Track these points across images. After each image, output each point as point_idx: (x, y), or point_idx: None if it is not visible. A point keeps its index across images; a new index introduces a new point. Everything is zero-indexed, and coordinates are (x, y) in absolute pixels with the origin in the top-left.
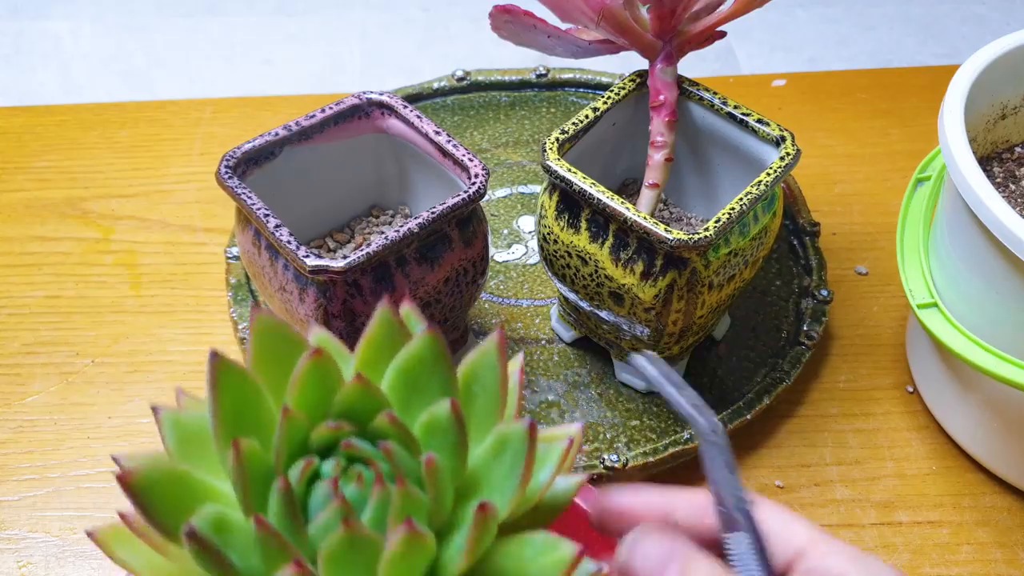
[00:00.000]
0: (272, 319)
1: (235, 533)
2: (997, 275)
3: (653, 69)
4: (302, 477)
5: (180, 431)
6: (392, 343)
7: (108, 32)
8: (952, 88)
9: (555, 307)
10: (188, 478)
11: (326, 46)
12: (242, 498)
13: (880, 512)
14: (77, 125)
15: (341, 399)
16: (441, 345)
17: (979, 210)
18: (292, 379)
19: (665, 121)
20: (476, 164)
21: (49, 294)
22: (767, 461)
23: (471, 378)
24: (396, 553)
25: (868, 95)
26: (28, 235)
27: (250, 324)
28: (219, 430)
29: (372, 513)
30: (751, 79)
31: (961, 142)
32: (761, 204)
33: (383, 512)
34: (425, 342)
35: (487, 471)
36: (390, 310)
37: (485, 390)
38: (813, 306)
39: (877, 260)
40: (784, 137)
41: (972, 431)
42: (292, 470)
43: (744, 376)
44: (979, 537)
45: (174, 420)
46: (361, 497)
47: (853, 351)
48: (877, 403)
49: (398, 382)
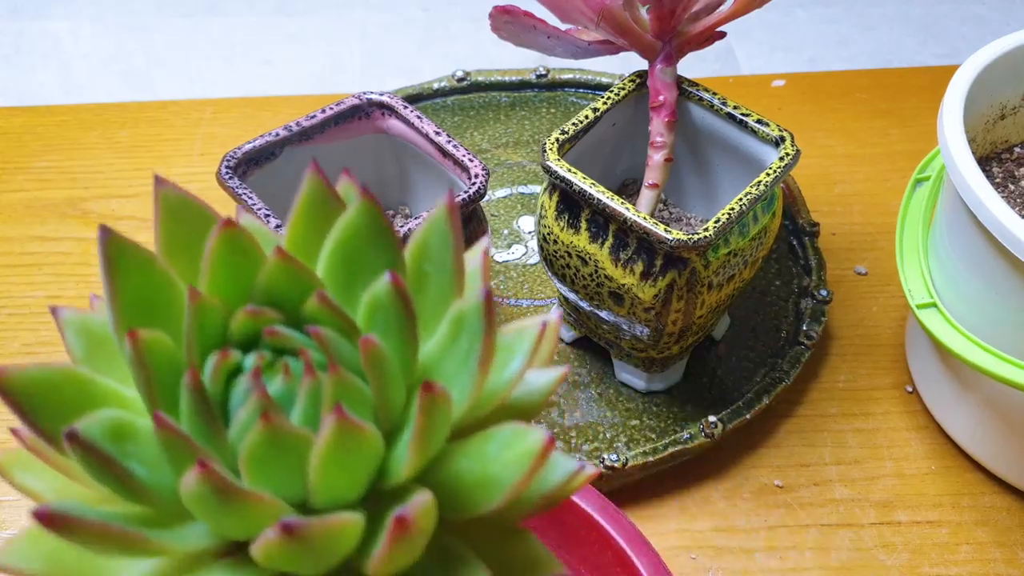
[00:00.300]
0: (181, 194)
1: (141, 444)
2: (996, 275)
3: (653, 70)
4: (217, 372)
5: (87, 336)
6: (326, 218)
7: (108, 32)
8: (951, 88)
9: (555, 307)
10: (88, 382)
11: (326, 46)
12: (145, 396)
13: (879, 512)
14: (77, 125)
15: (263, 281)
16: (381, 214)
17: (978, 210)
18: (203, 258)
19: (665, 121)
20: (476, 164)
21: (49, 294)
22: (766, 461)
23: (420, 254)
24: (328, 448)
25: (868, 95)
26: (28, 235)
27: (154, 200)
28: (119, 322)
29: (303, 409)
30: (751, 79)
31: (960, 142)
32: (761, 204)
33: (315, 407)
34: (362, 211)
35: (442, 361)
36: (319, 178)
37: (438, 268)
38: (812, 306)
39: (876, 260)
40: (784, 137)
41: (971, 431)
42: (206, 365)
43: (743, 376)
44: (978, 537)
45: (80, 323)
46: (288, 392)
47: (852, 351)
48: (876, 403)
49: (334, 262)
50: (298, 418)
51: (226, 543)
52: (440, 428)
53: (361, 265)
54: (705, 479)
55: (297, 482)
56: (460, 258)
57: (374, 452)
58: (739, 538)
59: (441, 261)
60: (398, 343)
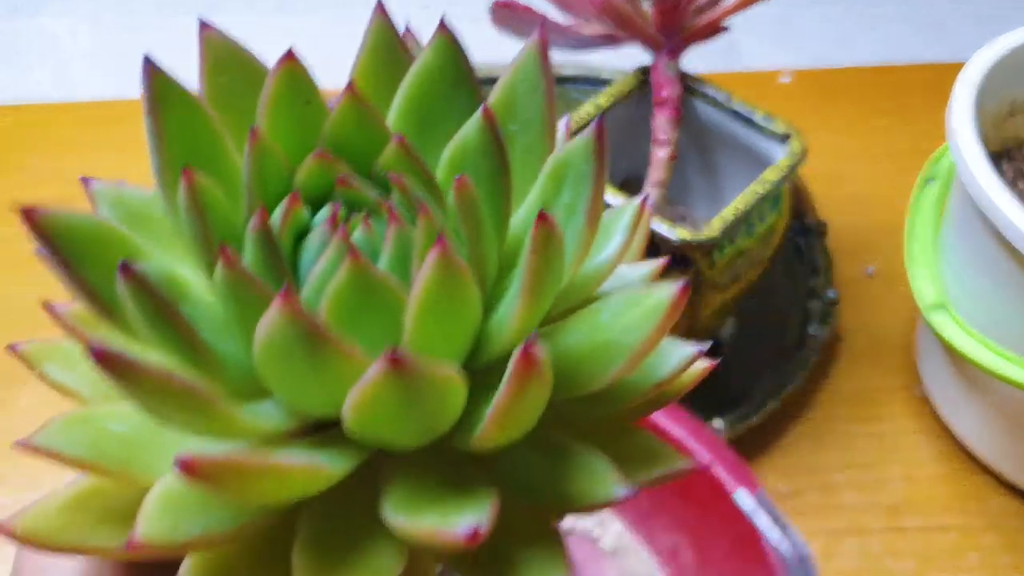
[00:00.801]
0: (229, 41)
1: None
2: (1007, 276)
3: (656, 64)
4: (287, 222)
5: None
6: (394, 65)
7: (105, 30)
8: (961, 84)
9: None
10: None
11: (326, 46)
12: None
13: (888, 516)
14: (71, 123)
15: (331, 127)
16: (463, 56)
17: (989, 209)
18: (262, 100)
19: (668, 118)
20: None
21: (42, 293)
22: (773, 465)
23: (505, 109)
24: (429, 291)
25: (875, 92)
26: (21, 234)
27: (199, 48)
28: (165, 168)
29: (390, 259)
30: (756, 75)
31: (970, 140)
32: (767, 203)
33: (404, 259)
34: (440, 51)
35: None
36: (385, 19)
37: (527, 125)
38: (820, 308)
39: (885, 261)
40: (790, 134)
41: (981, 434)
42: (273, 217)
43: (750, 379)
44: (987, 542)
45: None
46: (371, 244)
47: (861, 353)
48: (885, 406)
49: (409, 110)
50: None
51: (304, 423)
52: (555, 273)
53: (440, 116)
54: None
55: (390, 339)
56: (552, 110)
57: (475, 307)
58: None
59: (532, 116)
60: (490, 194)
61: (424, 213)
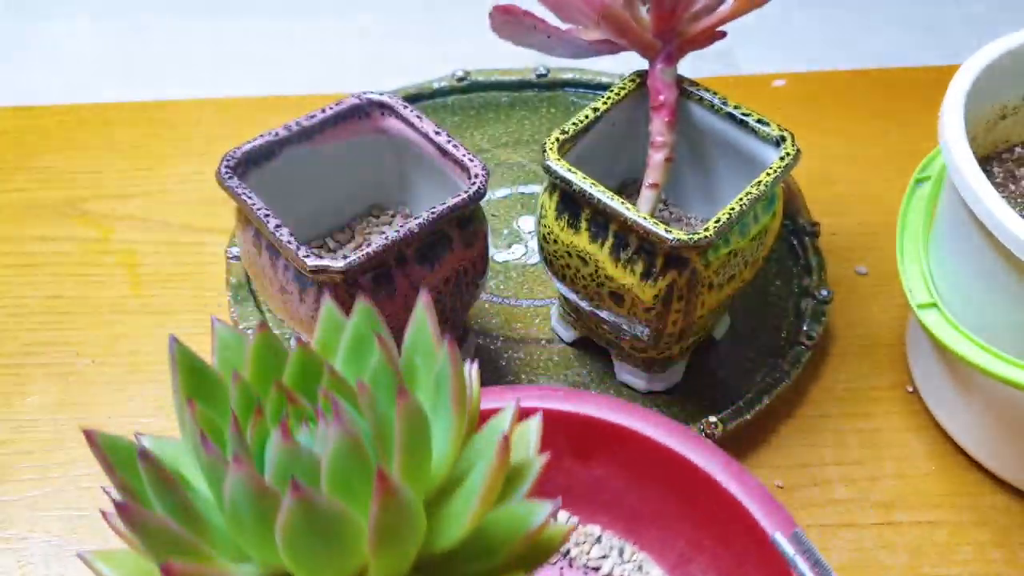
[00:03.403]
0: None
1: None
2: (997, 275)
3: (653, 69)
4: (255, 429)
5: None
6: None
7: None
8: (952, 88)
9: (555, 307)
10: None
11: (326, 46)
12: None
13: (880, 512)
14: (77, 125)
15: (290, 369)
16: (376, 313)
17: (979, 210)
18: (245, 354)
19: (665, 121)
20: (476, 164)
21: (49, 294)
22: (767, 461)
23: (410, 349)
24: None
25: (868, 95)
26: (28, 235)
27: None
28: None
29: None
30: (751, 79)
31: (961, 142)
32: (761, 204)
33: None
34: (362, 314)
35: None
36: (334, 307)
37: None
38: (813, 306)
39: (877, 260)
40: (784, 137)
41: (972, 431)
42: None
43: (744, 376)
44: (978, 537)
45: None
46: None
47: (853, 351)
48: (877, 403)
49: (348, 356)
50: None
51: None
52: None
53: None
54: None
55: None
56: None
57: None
58: None
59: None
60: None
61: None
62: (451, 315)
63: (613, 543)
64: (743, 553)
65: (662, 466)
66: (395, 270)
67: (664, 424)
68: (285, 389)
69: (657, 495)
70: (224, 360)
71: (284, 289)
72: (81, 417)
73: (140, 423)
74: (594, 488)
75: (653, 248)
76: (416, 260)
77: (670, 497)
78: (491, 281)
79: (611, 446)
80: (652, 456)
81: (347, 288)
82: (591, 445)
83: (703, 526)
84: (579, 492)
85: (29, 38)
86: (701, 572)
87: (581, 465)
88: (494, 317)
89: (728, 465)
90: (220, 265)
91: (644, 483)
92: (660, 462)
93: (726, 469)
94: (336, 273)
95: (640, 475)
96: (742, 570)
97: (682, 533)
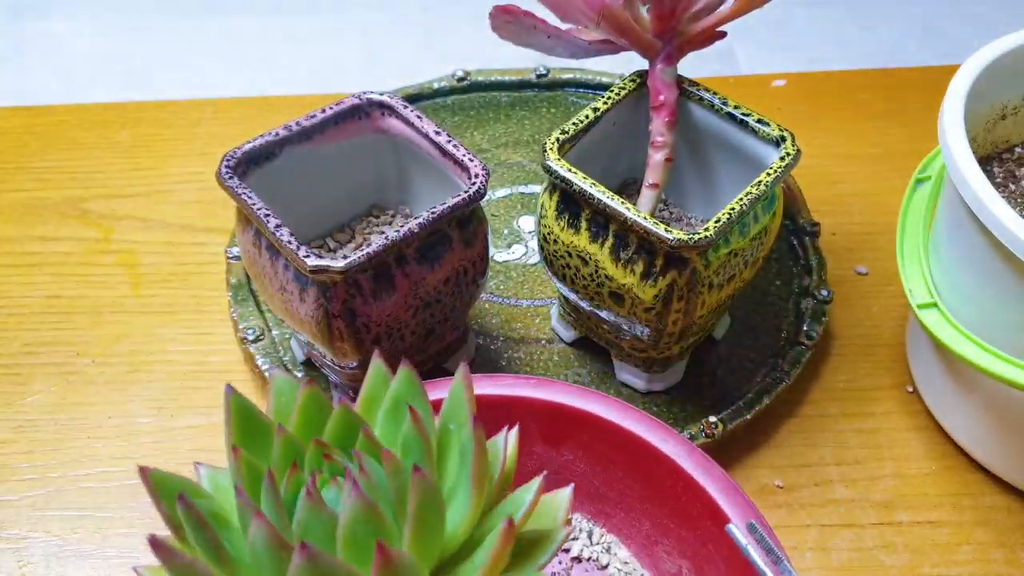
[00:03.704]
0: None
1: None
2: (997, 275)
3: (653, 69)
4: (290, 480)
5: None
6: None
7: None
8: (952, 88)
9: (555, 307)
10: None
11: (326, 46)
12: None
13: (880, 512)
14: (77, 125)
15: (330, 425)
16: (416, 379)
17: (979, 210)
18: (293, 408)
19: (665, 121)
20: (476, 164)
21: (49, 294)
22: (767, 461)
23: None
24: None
25: (868, 95)
26: (28, 235)
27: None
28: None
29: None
30: (751, 79)
31: (961, 142)
32: (761, 204)
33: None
34: (403, 380)
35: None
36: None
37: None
38: (813, 306)
39: (877, 260)
40: (784, 137)
41: (972, 431)
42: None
43: (744, 376)
44: (979, 537)
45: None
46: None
47: (853, 351)
48: (877, 403)
49: (386, 418)
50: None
51: None
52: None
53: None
54: None
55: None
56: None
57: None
58: None
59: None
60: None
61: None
62: (451, 315)
63: (583, 525)
64: (706, 536)
65: (627, 451)
66: (395, 270)
67: (630, 412)
68: (323, 445)
69: (623, 479)
70: (279, 407)
71: (284, 289)
72: (81, 417)
73: (140, 423)
74: (563, 472)
75: (653, 248)
76: (416, 260)
77: (635, 481)
78: (491, 281)
79: (579, 432)
80: (618, 442)
81: (347, 288)
82: (560, 431)
83: (667, 510)
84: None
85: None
86: (667, 553)
87: (551, 450)
88: (494, 317)
89: (691, 452)
90: (220, 265)
91: (610, 468)
92: (625, 448)
93: (690, 456)
94: (336, 273)
95: (606, 460)
96: (706, 550)
97: (647, 515)
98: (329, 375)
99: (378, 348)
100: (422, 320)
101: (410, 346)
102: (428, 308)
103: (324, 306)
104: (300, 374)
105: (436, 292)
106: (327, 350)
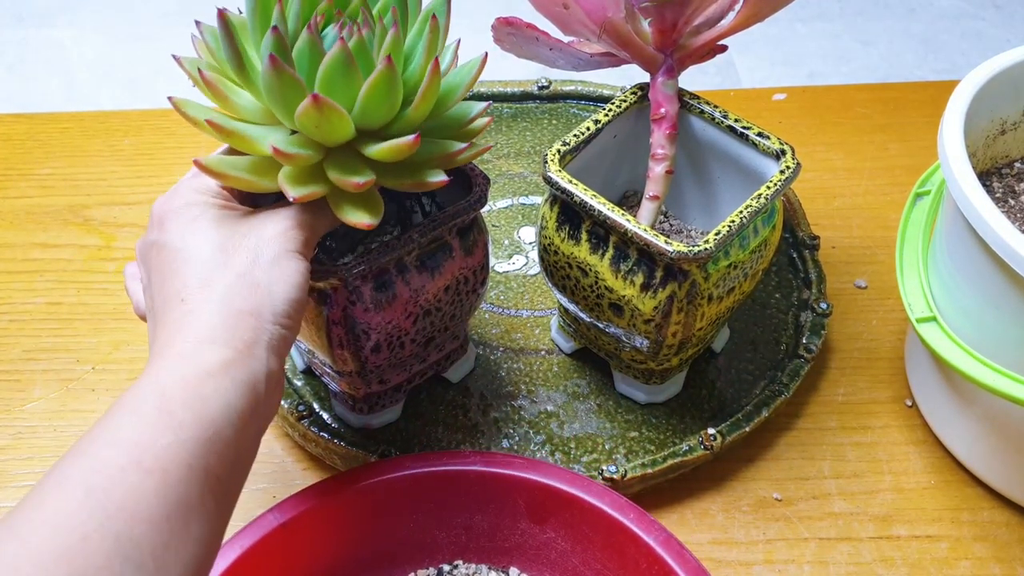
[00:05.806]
0: None
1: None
2: (996, 289)
3: (654, 82)
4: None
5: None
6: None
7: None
8: (952, 103)
9: (555, 318)
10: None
11: None
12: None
13: (878, 526)
14: (80, 133)
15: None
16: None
17: (978, 225)
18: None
19: (666, 134)
20: (477, 174)
21: (50, 301)
22: (765, 474)
23: None
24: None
25: (868, 110)
26: (30, 242)
27: None
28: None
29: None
30: (752, 93)
31: (961, 157)
32: (761, 217)
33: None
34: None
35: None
36: None
37: None
38: (812, 319)
39: (876, 274)
40: (784, 150)
41: (971, 445)
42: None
43: (743, 388)
44: (977, 552)
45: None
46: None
47: (852, 364)
48: (876, 416)
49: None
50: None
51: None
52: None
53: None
54: (704, 491)
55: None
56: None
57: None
58: (738, 551)
59: None
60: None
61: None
62: (451, 324)
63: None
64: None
65: (604, 532)
66: (396, 277)
67: (610, 496)
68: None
69: (599, 558)
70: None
71: None
72: (81, 424)
73: None
74: (543, 549)
75: (653, 260)
76: (417, 268)
77: (611, 561)
78: (491, 292)
79: (562, 512)
80: (597, 523)
81: (347, 294)
82: (546, 510)
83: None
84: (530, 551)
85: (34, 46)
86: None
87: (535, 526)
88: (494, 327)
89: (667, 541)
90: None
91: (587, 547)
92: (604, 529)
93: (665, 543)
94: (336, 279)
95: (585, 540)
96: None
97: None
98: (329, 383)
99: (378, 356)
100: (422, 328)
101: (410, 354)
102: (428, 316)
103: (324, 313)
104: (300, 383)
105: (436, 300)
106: (326, 357)
